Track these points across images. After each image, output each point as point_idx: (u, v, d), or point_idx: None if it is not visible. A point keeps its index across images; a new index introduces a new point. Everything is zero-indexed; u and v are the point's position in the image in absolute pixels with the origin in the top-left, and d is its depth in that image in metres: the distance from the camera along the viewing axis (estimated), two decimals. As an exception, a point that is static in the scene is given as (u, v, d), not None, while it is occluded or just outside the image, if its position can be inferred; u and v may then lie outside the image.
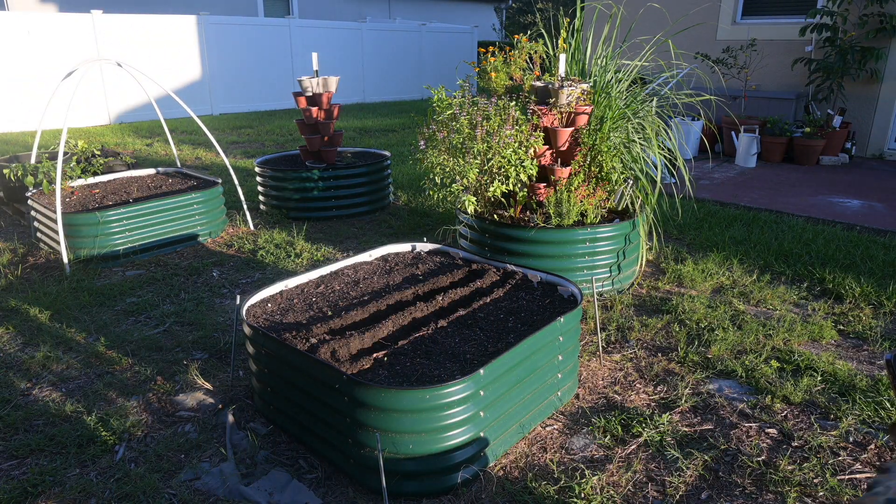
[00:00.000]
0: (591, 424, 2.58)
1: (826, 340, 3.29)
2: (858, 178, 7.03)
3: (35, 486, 2.23)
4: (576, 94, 3.90)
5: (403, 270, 3.12)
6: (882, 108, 7.97)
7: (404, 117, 12.47)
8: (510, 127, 3.75)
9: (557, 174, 3.93)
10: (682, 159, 4.03)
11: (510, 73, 4.76)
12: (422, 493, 2.15)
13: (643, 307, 3.70)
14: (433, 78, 17.08)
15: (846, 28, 7.70)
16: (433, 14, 20.84)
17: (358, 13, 18.63)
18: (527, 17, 22.74)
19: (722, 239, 4.76)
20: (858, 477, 2.27)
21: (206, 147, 9.07)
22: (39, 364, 3.06)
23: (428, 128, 3.94)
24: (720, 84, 8.62)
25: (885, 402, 2.69)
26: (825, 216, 5.46)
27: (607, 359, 3.12)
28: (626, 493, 2.20)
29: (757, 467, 2.32)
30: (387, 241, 4.80)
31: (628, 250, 3.89)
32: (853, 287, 3.84)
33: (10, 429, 2.56)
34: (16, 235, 5.02)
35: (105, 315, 3.59)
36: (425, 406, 2.04)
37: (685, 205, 5.71)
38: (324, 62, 14.52)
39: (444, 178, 3.88)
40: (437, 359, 2.30)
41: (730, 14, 8.81)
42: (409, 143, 9.09)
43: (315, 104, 5.43)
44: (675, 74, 4.76)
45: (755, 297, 3.80)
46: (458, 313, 2.64)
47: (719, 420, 2.62)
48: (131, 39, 11.75)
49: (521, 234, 3.74)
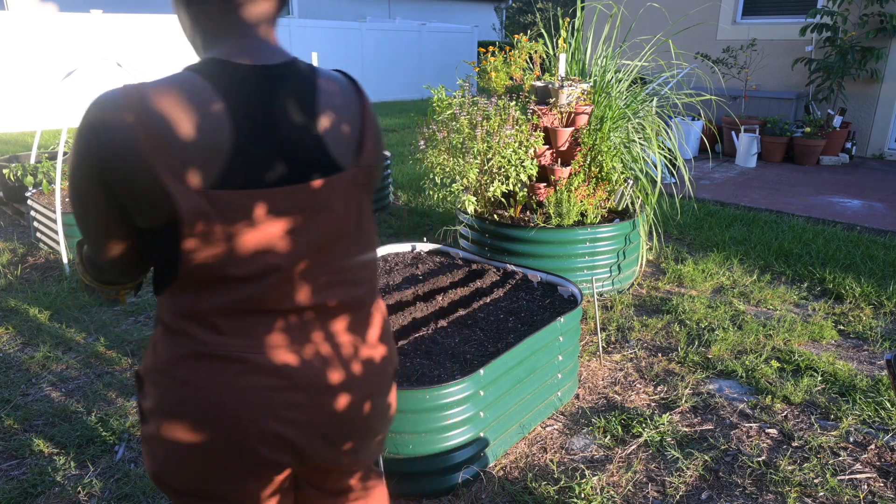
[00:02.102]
0: (592, 424, 2.58)
1: (826, 340, 3.29)
2: (859, 178, 7.03)
3: (35, 486, 2.23)
4: (576, 94, 3.90)
5: (403, 270, 3.12)
6: (882, 108, 7.97)
7: (404, 117, 12.47)
8: (510, 127, 3.75)
9: (557, 174, 3.93)
10: (682, 159, 4.03)
11: (510, 73, 4.76)
12: (422, 493, 2.15)
13: (643, 307, 3.70)
14: (433, 78, 17.08)
15: (846, 28, 7.69)
16: (433, 14, 20.84)
17: (358, 13, 18.64)
18: (527, 16, 22.75)
19: (722, 239, 4.76)
20: (858, 477, 2.27)
21: (206, 147, 9.06)
22: (39, 364, 3.06)
23: (428, 128, 3.94)
24: (720, 84, 8.62)
25: (885, 403, 2.69)
26: (825, 216, 5.45)
27: (607, 359, 3.12)
28: (627, 493, 2.20)
29: (757, 467, 2.32)
30: (387, 241, 4.80)
31: (628, 250, 3.89)
32: (853, 287, 3.84)
33: (10, 429, 2.56)
34: (16, 235, 5.02)
35: (105, 315, 3.59)
36: (425, 406, 2.04)
37: (685, 205, 5.71)
38: (324, 62, 14.53)
39: (444, 178, 3.88)
40: (437, 359, 2.30)
41: (730, 14, 8.81)
42: (409, 143, 9.09)
43: (315, 104, 5.43)
44: (675, 74, 4.76)
45: (755, 297, 3.80)
46: (458, 313, 2.64)
47: (719, 420, 2.61)
48: (131, 39, 11.75)
49: (521, 234, 3.74)
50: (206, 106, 0.90)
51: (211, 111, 0.90)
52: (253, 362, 0.98)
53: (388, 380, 1.17)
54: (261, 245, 0.94)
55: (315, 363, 1.02)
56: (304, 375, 1.01)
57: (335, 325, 1.05)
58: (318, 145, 0.99)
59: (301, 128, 0.97)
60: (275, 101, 0.95)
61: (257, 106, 0.94)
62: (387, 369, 1.16)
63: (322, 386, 1.03)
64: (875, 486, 2.23)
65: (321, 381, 1.03)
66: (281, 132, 0.95)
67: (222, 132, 0.90)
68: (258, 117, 0.94)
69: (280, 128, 0.95)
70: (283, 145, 0.95)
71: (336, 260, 1.03)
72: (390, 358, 1.17)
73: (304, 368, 1.01)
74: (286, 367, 0.99)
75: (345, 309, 1.06)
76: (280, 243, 0.96)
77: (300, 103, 0.98)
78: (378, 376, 1.13)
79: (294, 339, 1.01)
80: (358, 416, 1.09)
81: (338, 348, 1.05)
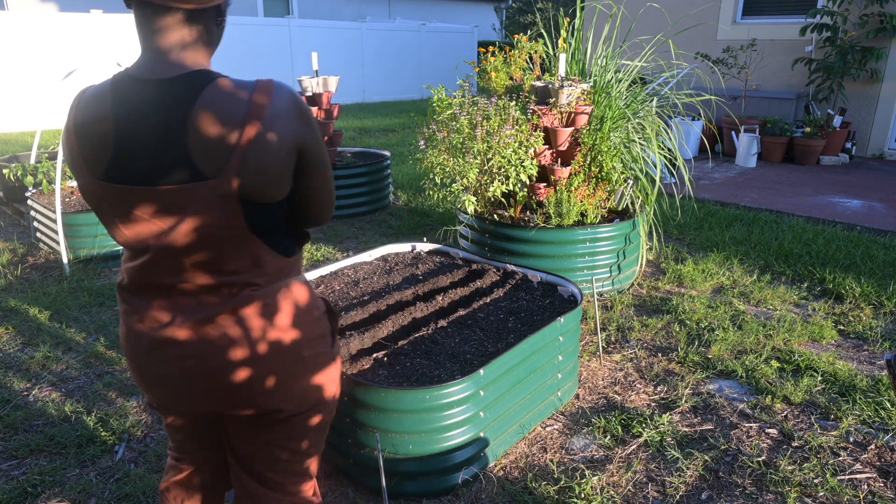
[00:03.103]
0: (591, 424, 2.58)
1: (826, 340, 3.29)
2: (859, 178, 7.03)
3: (35, 486, 2.23)
4: (576, 94, 3.90)
5: (403, 270, 3.12)
6: (882, 107, 7.97)
7: (404, 117, 12.47)
8: (510, 127, 3.75)
9: (557, 174, 3.93)
10: (682, 159, 4.03)
11: (510, 73, 4.77)
12: (422, 493, 2.15)
13: (643, 307, 3.70)
14: (433, 78, 17.08)
15: (846, 28, 7.69)
16: (433, 14, 20.83)
17: (358, 13, 18.63)
18: (527, 16, 22.74)
19: (722, 239, 4.76)
20: (858, 477, 2.27)
21: (206, 147, 9.06)
22: (39, 364, 3.06)
23: (428, 128, 3.94)
24: (720, 84, 8.62)
25: (885, 403, 2.69)
26: (825, 216, 5.45)
27: (607, 359, 3.12)
28: (626, 493, 2.20)
29: (757, 467, 2.32)
30: (387, 241, 4.80)
31: (628, 250, 3.89)
32: (853, 287, 3.84)
33: (10, 429, 2.56)
34: (16, 235, 5.02)
35: (105, 315, 3.59)
36: (425, 406, 2.04)
37: (685, 205, 5.71)
38: (324, 62, 14.53)
39: (444, 178, 3.88)
40: (437, 359, 2.30)
41: (730, 14, 8.81)
42: (409, 143, 9.09)
43: (315, 104, 5.43)
44: (675, 74, 4.75)
45: (755, 297, 3.80)
46: (458, 313, 2.64)
47: (719, 420, 2.61)
48: (131, 39, 11.73)
49: (521, 234, 3.74)
50: (103, 112, 1.14)
51: (105, 116, 1.14)
52: (138, 323, 1.26)
53: (256, 357, 1.25)
54: (136, 230, 1.18)
55: (177, 331, 1.23)
56: (167, 339, 1.24)
57: (205, 299, 1.22)
58: (183, 153, 1.11)
59: (169, 137, 1.11)
60: (152, 112, 1.12)
61: (139, 115, 1.12)
62: (256, 347, 1.25)
63: (179, 349, 1.23)
64: (875, 486, 2.23)
65: (179, 345, 1.23)
66: (152, 139, 1.12)
67: (108, 135, 1.13)
68: (136, 125, 1.12)
69: (152, 135, 1.12)
70: (152, 150, 1.12)
71: (202, 254, 1.18)
72: (274, 340, 1.27)
73: (169, 332, 1.23)
74: (158, 329, 1.24)
75: (212, 292, 1.22)
76: (147, 231, 1.17)
77: (175, 114, 1.11)
78: (252, 351, 1.25)
79: (168, 309, 1.23)
80: (209, 380, 1.26)
81: (201, 322, 1.22)
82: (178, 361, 1.25)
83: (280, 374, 1.29)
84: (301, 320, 1.31)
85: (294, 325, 1.29)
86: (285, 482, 1.43)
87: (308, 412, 1.38)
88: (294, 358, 1.30)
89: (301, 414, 1.37)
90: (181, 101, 1.12)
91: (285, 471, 1.42)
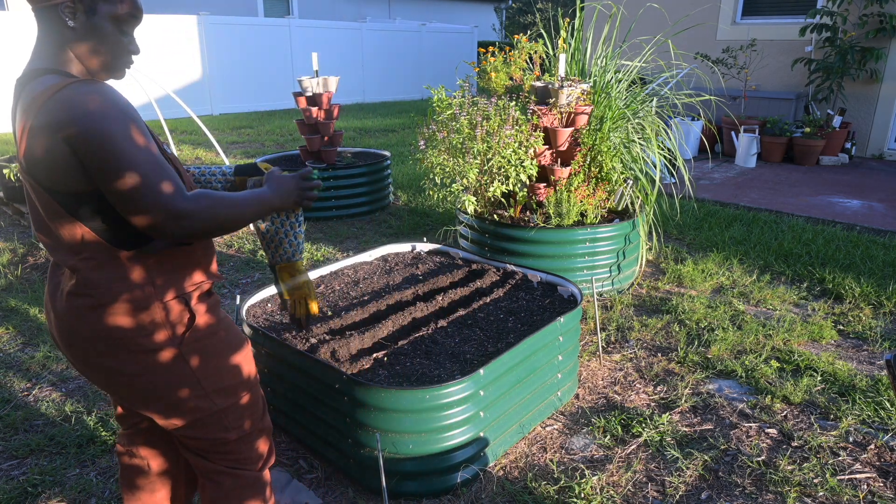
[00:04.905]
0: (591, 424, 2.58)
1: (826, 340, 3.29)
2: (858, 178, 7.03)
3: (35, 486, 2.23)
4: (576, 94, 3.90)
5: (403, 270, 3.12)
6: (882, 108, 7.97)
7: (404, 117, 12.47)
8: (510, 127, 3.76)
9: (557, 174, 3.93)
10: (682, 159, 4.03)
11: (510, 73, 4.77)
12: (422, 493, 2.15)
13: (643, 307, 3.70)
14: (433, 78, 17.08)
15: (846, 28, 7.70)
16: (433, 14, 20.84)
17: (358, 13, 18.63)
18: (527, 17, 22.75)
19: (722, 239, 4.76)
20: (858, 477, 2.28)
21: (207, 147, 9.07)
22: (39, 364, 3.06)
23: (428, 128, 3.94)
24: (720, 84, 8.62)
25: (885, 402, 2.69)
26: (825, 216, 5.46)
27: (607, 359, 3.12)
28: (626, 493, 2.20)
29: (757, 467, 2.32)
30: (387, 241, 4.80)
31: (628, 250, 3.89)
32: (853, 287, 3.84)
33: (11, 429, 2.56)
34: (16, 235, 5.02)
35: (105, 315, 3.59)
36: (425, 406, 2.04)
37: (685, 205, 5.71)
38: (324, 62, 14.53)
39: (444, 178, 3.88)
40: (437, 359, 2.31)
41: (730, 14, 8.81)
42: (409, 143, 9.09)
43: (315, 104, 5.43)
44: (675, 74, 4.76)
45: (755, 297, 3.80)
46: (458, 313, 2.64)
47: (719, 420, 2.62)
48: (131, 39, 11.72)
49: (521, 234, 3.74)
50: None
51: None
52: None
53: (78, 338, 1.36)
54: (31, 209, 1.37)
55: (50, 301, 1.41)
56: (48, 309, 1.43)
57: (62, 277, 1.38)
58: (18, 142, 1.28)
59: (16, 125, 1.29)
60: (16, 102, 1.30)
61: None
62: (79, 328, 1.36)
63: (50, 318, 1.41)
64: (875, 486, 2.23)
65: (49, 314, 1.42)
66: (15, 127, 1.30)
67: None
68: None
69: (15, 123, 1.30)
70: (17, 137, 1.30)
71: (48, 231, 1.33)
72: (89, 323, 1.35)
73: (48, 303, 1.42)
74: (48, 298, 1.43)
75: (62, 268, 1.37)
76: (31, 211, 1.36)
77: (16, 105, 1.28)
78: (75, 328, 1.36)
79: (50, 280, 1.42)
80: (67, 351, 1.41)
81: (58, 295, 1.37)
82: (53, 328, 1.47)
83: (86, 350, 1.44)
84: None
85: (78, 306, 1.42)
86: (214, 459, 1.56)
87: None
88: (85, 342, 1.44)
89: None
90: (20, 93, 1.31)
91: (206, 451, 1.55)
